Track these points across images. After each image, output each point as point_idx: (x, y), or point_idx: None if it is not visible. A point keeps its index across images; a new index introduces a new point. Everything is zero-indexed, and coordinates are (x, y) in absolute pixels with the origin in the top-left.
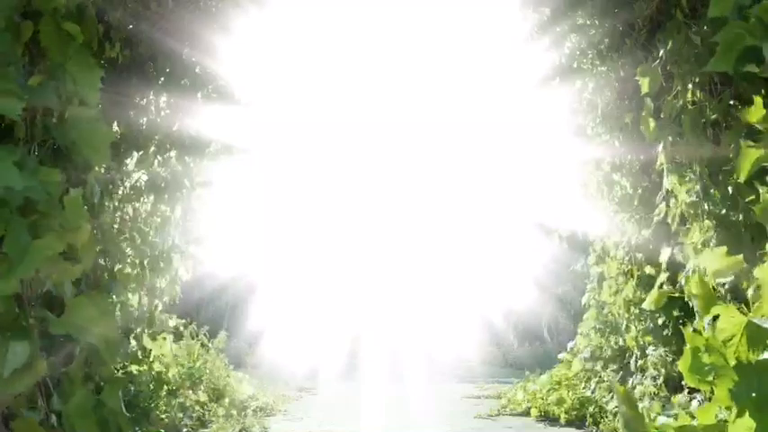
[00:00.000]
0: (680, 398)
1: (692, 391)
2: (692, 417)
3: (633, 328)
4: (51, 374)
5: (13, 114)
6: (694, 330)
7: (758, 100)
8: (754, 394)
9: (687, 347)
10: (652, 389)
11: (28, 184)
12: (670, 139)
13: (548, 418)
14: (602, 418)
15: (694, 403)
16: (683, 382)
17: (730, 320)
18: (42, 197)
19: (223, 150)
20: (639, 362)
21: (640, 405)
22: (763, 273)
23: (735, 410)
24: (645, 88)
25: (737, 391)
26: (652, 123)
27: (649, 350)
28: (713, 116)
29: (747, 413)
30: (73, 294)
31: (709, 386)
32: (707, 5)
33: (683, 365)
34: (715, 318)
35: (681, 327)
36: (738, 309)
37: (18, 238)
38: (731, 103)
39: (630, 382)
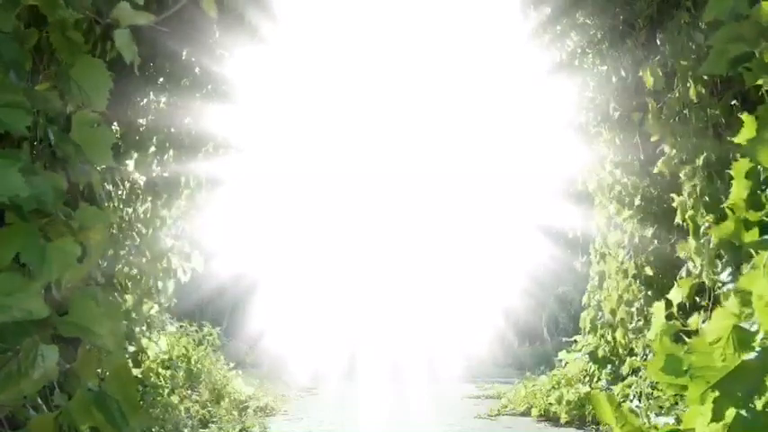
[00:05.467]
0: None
1: None
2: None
3: (629, 327)
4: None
5: (20, 128)
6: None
7: (747, 118)
8: (739, 394)
9: (659, 350)
10: (647, 389)
11: (37, 188)
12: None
13: (548, 417)
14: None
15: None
16: None
17: (720, 324)
18: (51, 201)
19: (223, 150)
20: (635, 361)
21: (633, 405)
22: (749, 283)
23: (709, 410)
24: (648, 87)
25: (725, 390)
26: (656, 122)
27: (647, 349)
28: (715, 115)
29: (724, 412)
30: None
31: (683, 389)
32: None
33: (653, 368)
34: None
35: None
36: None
37: (34, 244)
38: (732, 103)
39: (625, 381)
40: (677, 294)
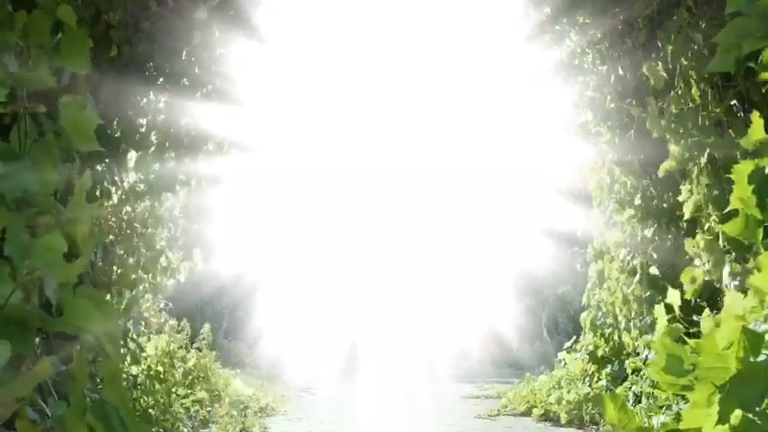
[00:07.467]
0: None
1: None
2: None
3: (632, 327)
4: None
5: None
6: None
7: (756, 117)
8: (748, 396)
9: (660, 350)
10: (648, 389)
11: (22, 176)
12: (679, 138)
13: (548, 418)
14: (601, 417)
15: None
16: None
17: (730, 327)
18: (38, 190)
19: (223, 150)
20: (636, 361)
21: (632, 405)
22: (762, 281)
23: (716, 412)
24: (651, 86)
25: (732, 393)
26: (659, 122)
27: (646, 349)
28: (717, 115)
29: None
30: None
31: (685, 390)
32: (709, 5)
33: (654, 368)
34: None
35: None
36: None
37: (18, 236)
38: (732, 103)
39: (626, 381)
40: (676, 296)
